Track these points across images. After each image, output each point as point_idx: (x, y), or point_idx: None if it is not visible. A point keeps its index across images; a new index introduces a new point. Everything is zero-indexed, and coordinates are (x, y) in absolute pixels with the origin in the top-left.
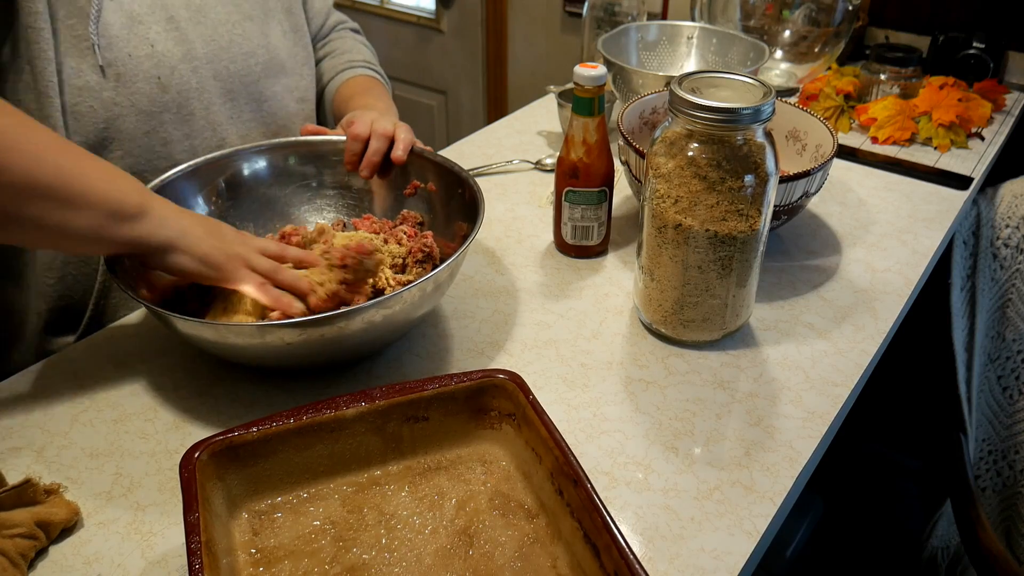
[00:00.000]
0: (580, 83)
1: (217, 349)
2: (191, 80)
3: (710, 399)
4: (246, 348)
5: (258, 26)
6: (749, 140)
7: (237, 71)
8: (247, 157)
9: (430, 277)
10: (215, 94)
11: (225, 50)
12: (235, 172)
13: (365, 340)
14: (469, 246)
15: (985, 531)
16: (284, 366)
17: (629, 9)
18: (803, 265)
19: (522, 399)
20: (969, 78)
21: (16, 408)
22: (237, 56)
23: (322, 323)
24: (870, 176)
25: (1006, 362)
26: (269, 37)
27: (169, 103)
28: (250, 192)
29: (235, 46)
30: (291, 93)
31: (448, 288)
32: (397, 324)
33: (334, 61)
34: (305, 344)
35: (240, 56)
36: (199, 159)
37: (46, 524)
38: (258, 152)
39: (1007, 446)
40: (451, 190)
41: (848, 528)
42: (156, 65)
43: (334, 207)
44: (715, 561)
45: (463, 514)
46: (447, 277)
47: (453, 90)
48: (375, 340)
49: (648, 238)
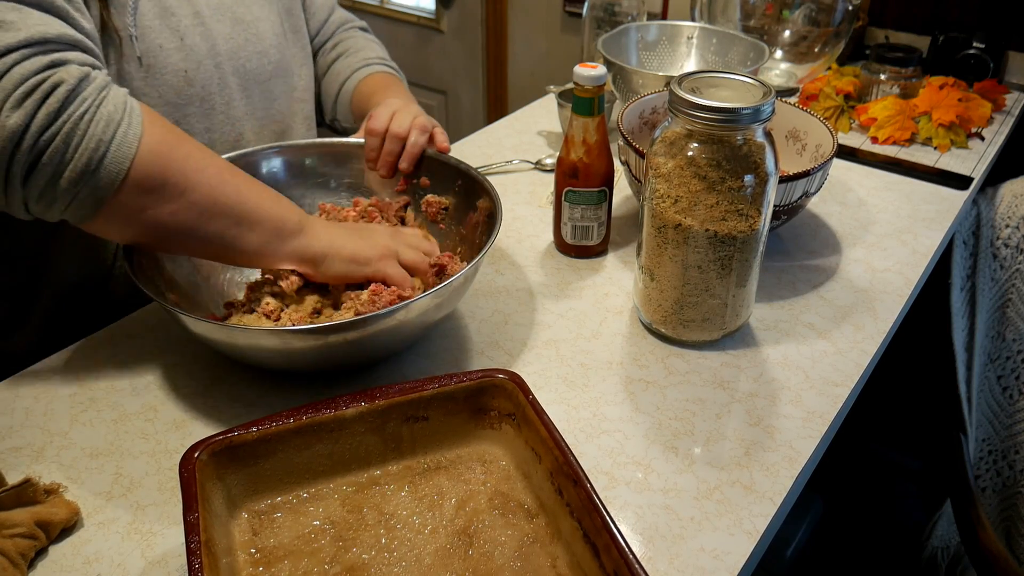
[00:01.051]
0: (580, 83)
1: (236, 352)
2: (214, 75)
3: (710, 399)
4: (263, 351)
5: (268, 27)
6: (749, 140)
7: (252, 69)
8: (266, 156)
9: (446, 285)
10: (235, 90)
11: (243, 48)
12: (255, 171)
13: (381, 345)
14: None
15: (985, 531)
16: (293, 369)
17: (629, 9)
18: (803, 265)
19: (522, 399)
20: (969, 78)
21: (16, 408)
22: (252, 55)
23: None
24: (870, 176)
25: (1006, 362)
26: (280, 37)
27: (194, 96)
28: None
29: (251, 44)
30: (292, 93)
31: (465, 292)
32: (413, 329)
33: (349, 60)
34: (324, 348)
35: (255, 55)
36: (226, 155)
37: (46, 524)
38: (277, 152)
39: (1007, 446)
40: (470, 195)
41: (848, 528)
42: (184, 58)
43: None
44: (715, 561)
45: (463, 514)
46: (463, 282)
47: (453, 90)
48: (389, 345)
49: (648, 238)
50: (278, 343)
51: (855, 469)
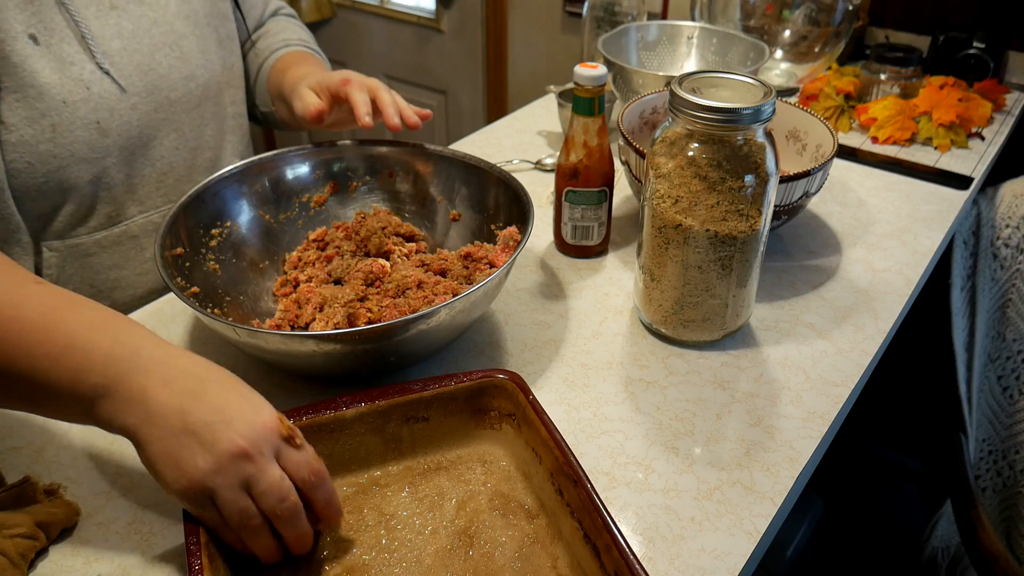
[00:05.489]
0: (580, 83)
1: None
2: (131, 118)
3: (710, 399)
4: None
5: (195, 43)
6: (749, 140)
7: (178, 99)
8: (290, 161)
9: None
10: (156, 128)
11: (164, 78)
12: (278, 175)
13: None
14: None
15: (985, 531)
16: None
17: (629, 9)
18: (803, 265)
19: (522, 399)
20: (969, 78)
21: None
22: (176, 82)
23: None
24: (870, 176)
25: (1006, 362)
26: (207, 54)
27: (110, 147)
28: (290, 193)
29: (174, 71)
30: (228, 110)
31: (498, 293)
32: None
33: (267, 41)
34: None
35: (180, 82)
36: (242, 162)
37: (46, 524)
38: (302, 156)
39: (1007, 446)
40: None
41: (848, 528)
42: (94, 109)
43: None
44: (715, 561)
45: (463, 514)
46: (496, 284)
47: (453, 90)
48: (421, 349)
49: (648, 238)
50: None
51: (855, 469)
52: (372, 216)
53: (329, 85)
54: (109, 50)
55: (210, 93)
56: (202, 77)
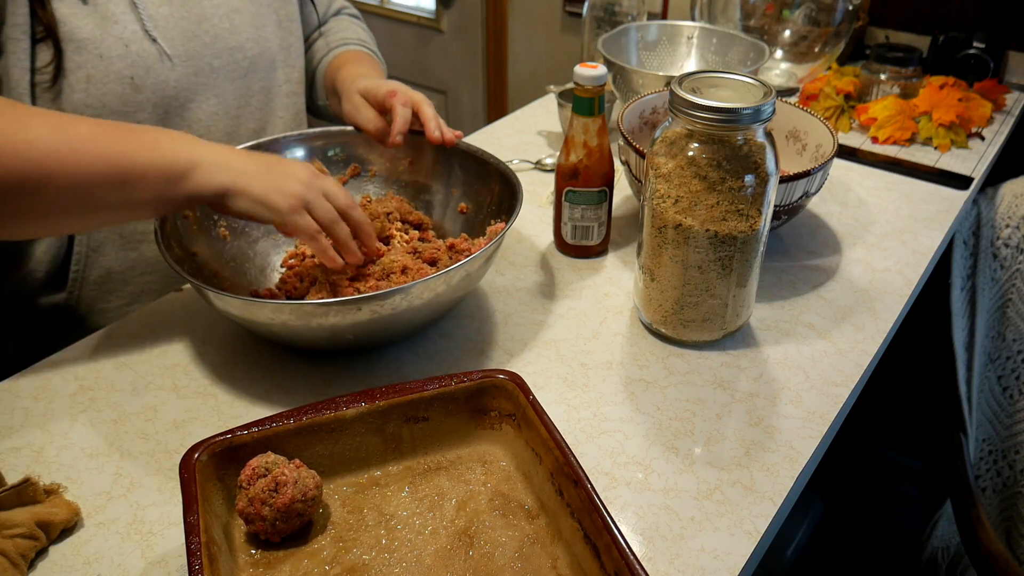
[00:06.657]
0: (580, 83)
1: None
2: (168, 78)
3: (710, 399)
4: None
5: (248, 19)
6: (749, 140)
7: (221, 66)
8: (287, 144)
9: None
10: (195, 91)
11: (208, 46)
12: (303, 155)
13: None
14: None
15: (985, 531)
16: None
17: (629, 9)
18: (803, 265)
19: (522, 399)
20: (969, 78)
21: (16, 408)
22: (222, 51)
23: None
24: (870, 176)
25: (1006, 362)
26: (261, 30)
27: (144, 103)
28: None
29: (220, 41)
30: (281, 87)
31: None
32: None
33: (327, 39)
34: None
35: (225, 51)
36: (269, 137)
37: (46, 524)
38: (301, 140)
39: (1007, 446)
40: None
41: (848, 528)
42: (130, 65)
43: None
44: (715, 561)
45: (463, 514)
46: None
47: (453, 90)
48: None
49: (648, 238)
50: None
51: (855, 469)
52: (379, 201)
53: (377, 95)
54: (156, 15)
55: (260, 66)
56: (251, 50)
